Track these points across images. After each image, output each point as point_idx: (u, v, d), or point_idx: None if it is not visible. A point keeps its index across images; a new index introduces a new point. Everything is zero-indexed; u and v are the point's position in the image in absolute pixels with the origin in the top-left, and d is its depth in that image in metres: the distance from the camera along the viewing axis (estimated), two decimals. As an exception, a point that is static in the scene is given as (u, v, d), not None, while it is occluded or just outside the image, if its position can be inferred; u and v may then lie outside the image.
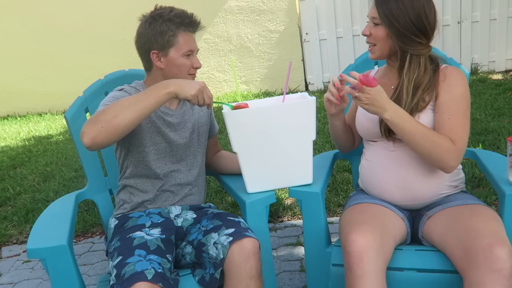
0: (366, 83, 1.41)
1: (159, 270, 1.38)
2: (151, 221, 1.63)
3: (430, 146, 1.46)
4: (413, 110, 1.52)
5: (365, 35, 1.59)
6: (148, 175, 1.68)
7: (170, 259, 1.50)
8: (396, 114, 1.46)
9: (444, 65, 1.59)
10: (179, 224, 1.68)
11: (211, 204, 1.83)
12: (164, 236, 1.58)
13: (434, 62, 1.58)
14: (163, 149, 1.68)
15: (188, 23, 1.63)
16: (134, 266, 1.37)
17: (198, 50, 1.69)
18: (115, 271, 1.40)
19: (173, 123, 1.70)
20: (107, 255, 1.66)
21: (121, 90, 1.65)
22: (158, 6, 1.66)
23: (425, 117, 1.52)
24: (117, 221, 1.68)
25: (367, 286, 1.31)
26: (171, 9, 1.63)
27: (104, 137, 1.38)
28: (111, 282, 1.39)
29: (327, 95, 1.59)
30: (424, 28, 1.51)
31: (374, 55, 1.61)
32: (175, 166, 1.71)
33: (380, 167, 1.61)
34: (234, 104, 1.60)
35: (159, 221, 1.64)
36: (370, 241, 1.34)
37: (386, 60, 1.65)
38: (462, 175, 1.64)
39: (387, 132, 1.55)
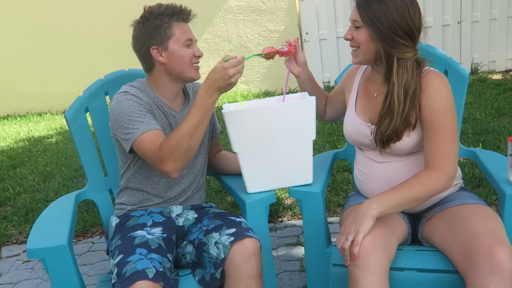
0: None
1: (160, 269, 1.38)
2: (153, 220, 1.63)
3: (420, 193, 1.41)
4: (406, 126, 1.46)
5: (347, 39, 1.53)
6: (149, 175, 1.68)
7: (170, 258, 1.50)
8: (380, 207, 1.37)
9: (426, 71, 1.49)
10: (180, 224, 1.68)
11: (212, 204, 1.83)
12: (165, 235, 1.58)
13: (420, 67, 1.49)
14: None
15: (179, 11, 1.64)
16: (135, 265, 1.37)
17: (197, 40, 1.69)
18: (116, 270, 1.40)
19: (176, 124, 1.70)
20: (107, 254, 1.66)
21: (132, 95, 1.60)
22: (146, 6, 1.66)
23: (415, 134, 1.48)
24: (118, 220, 1.68)
25: (370, 281, 1.30)
26: (160, 5, 1.64)
27: (185, 165, 1.54)
28: (113, 281, 1.40)
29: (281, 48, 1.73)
30: (409, 29, 1.44)
31: (356, 59, 1.55)
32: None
33: (371, 179, 1.60)
34: (265, 52, 1.63)
35: (161, 220, 1.64)
36: (377, 240, 1.34)
37: (372, 66, 1.58)
38: (459, 172, 1.63)
39: (382, 143, 1.51)
